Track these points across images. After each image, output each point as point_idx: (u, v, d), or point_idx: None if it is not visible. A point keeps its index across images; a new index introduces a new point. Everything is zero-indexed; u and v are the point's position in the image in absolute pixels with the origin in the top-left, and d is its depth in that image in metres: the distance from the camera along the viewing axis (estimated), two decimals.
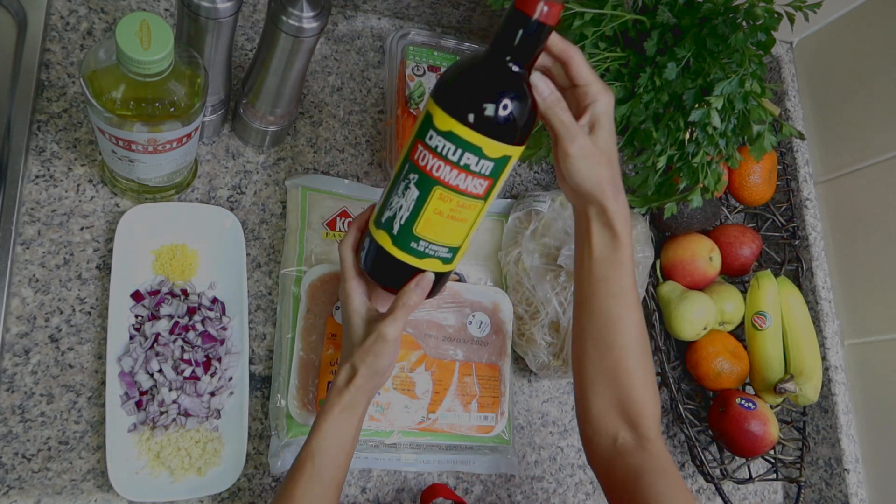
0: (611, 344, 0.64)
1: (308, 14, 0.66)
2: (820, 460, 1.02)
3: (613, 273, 0.64)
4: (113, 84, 0.60)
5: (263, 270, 0.83)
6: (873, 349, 1.00)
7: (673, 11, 0.76)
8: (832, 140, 1.09)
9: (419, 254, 0.61)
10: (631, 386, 0.64)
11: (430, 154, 0.57)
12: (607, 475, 0.65)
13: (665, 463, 0.63)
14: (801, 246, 1.07)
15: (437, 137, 0.56)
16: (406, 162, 0.58)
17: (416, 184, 0.58)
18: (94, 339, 0.75)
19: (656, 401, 0.66)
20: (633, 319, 0.65)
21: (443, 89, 0.57)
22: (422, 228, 0.59)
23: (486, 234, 0.92)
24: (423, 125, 0.57)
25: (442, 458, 0.82)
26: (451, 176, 0.57)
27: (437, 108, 0.56)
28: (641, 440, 0.64)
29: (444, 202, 0.58)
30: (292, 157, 0.88)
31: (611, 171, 0.61)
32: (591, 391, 0.66)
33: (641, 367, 0.65)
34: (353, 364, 0.63)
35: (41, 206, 0.76)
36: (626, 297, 0.64)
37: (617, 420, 0.65)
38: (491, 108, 0.55)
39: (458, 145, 0.56)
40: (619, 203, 0.62)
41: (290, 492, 0.62)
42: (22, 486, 0.69)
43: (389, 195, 0.60)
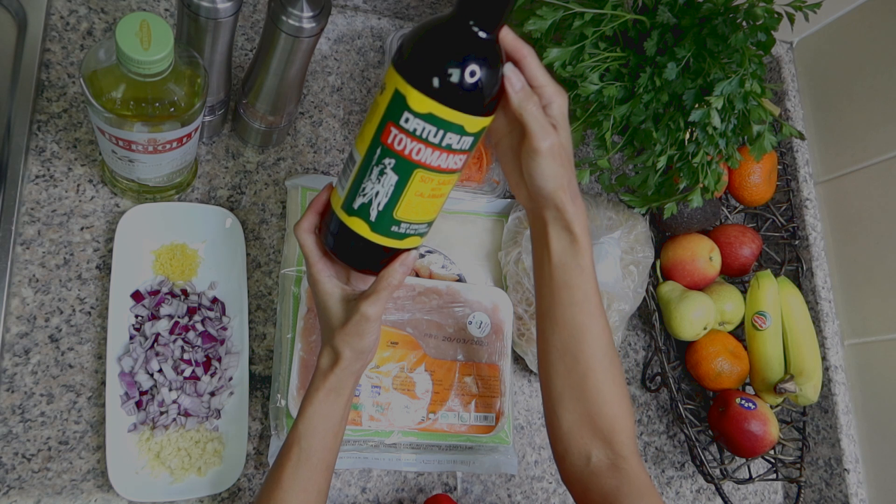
0: (577, 356, 0.62)
1: (308, 14, 0.66)
2: (820, 460, 1.02)
3: (575, 279, 0.61)
4: (113, 84, 0.60)
5: (263, 270, 0.83)
6: (873, 349, 1.00)
7: (673, 11, 0.76)
8: (832, 140, 1.09)
9: (400, 236, 0.58)
10: (602, 401, 0.62)
11: (408, 137, 0.53)
12: (582, 496, 0.63)
13: (643, 484, 0.61)
14: (801, 246, 1.07)
15: (416, 120, 0.52)
16: (377, 145, 0.54)
17: (393, 168, 0.54)
18: (94, 339, 0.75)
19: (629, 415, 0.64)
20: (599, 328, 0.62)
21: (413, 66, 0.52)
22: (403, 212, 0.57)
23: (486, 234, 0.92)
24: (395, 106, 0.53)
25: (442, 458, 0.82)
26: (432, 158, 0.54)
27: (410, 89, 0.52)
28: (617, 459, 0.62)
29: (426, 183, 0.56)
30: (292, 157, 0.88)
31: (570, 173, 0.60)
32: (559, 406, 0.64)
33: (611, 379, 0.63)
34: (335, 347, 0.61)
35: (41, 206, 0.76)
36: (589, 304, 0.62)
37: (589, 437, 0.62)
38: (471, 85, 0.52)
39: (440, 126, 0.53)
40: (576, 205, 0.60)
41: (278, 476, 0.62)
42: (22, 486, 0.69)
43: (360, 180, 0.56)
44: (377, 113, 0.54)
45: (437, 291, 0.85)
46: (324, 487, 0.63)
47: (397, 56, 0.53)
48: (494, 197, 0.92)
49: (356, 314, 0.60)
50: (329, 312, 0.62)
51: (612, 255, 0.88)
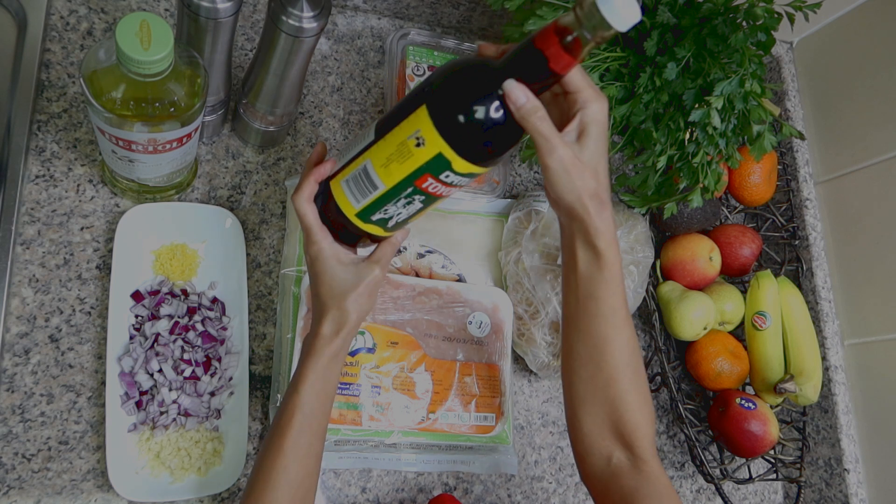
0: (600, 365, 0.62)
1: (308, 14, 0.66)
2: (820, 460, 1.02)
3: (600, 292, 0.61)
4: (113, 84, 0.60)
5: (263, 270, 0.83)
6: (873, 349, 1.00)
7: (673, 11, 0.76)
8: (832, 140, 1.09)
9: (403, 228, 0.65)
10: (623, 408, 0.62)
11: (443, 185, 0.58)
12: (602, 496, 0.64)
13: (662, 486, 0.62)
14: (801, 246, 1.07)
15: (455, 176, 0.56)
16: (410, 186, 0.58)
17: (421, 201, 0.60)
18: (94, 339, 0.75)
19: (651, 421, 0.64)
20: (624, 340, 0.62)
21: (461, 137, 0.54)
22: (415, 220, 0.63)
23: (486, 234, 0.92)
24: (437, 164, 0.55)
25: (442, 458, 0.82)
26: (453, 192, 0.60)
27: (457, 157, 0.55)
28: (637, 461, 0.62)
29: (438, 203, 0.62)
30: (292, 157, 0.88)
31: (594, 184, 0.57)
32: (581, 410, 0.64)
33: (634, 388, 0.63)
34: (344, 310, 0.62)
35: (41, 206, 0.76)
36: (615, 317, 0.61)
37: (610, 440, 0.63)
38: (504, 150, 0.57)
39: (470, 177, 0.58)
40: (602, 219, 0.58)
41: (280, 443, 0.62)
42: (22, 486, 0.69)
43: (384, 204, 0.60)
44: (413, 162, 0.56)
45: (437, 291, 0.85)
46: (320, 452, 0.64)
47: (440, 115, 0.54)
48: (494, 197, 0.92)
49: (370, 275, 0.63)
50: (337, 277, 0.63)
51: None
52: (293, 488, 0.61)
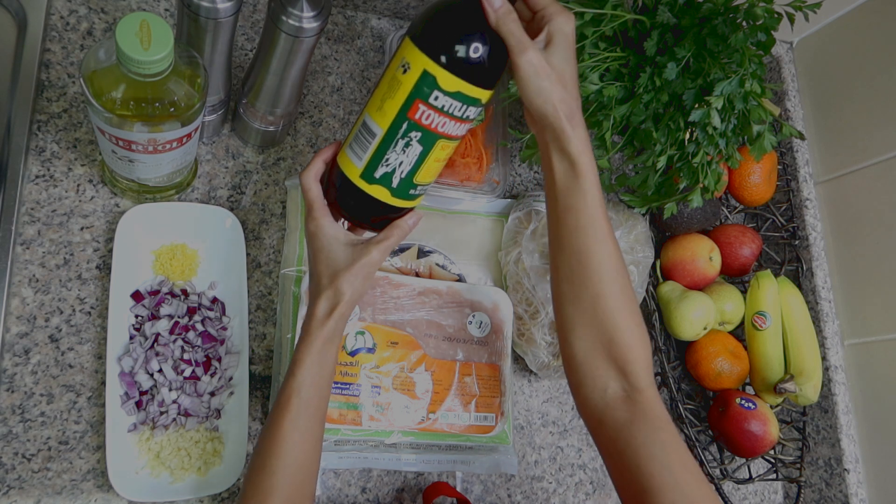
0: (584, 281, 0.61)
1: (308, 14, 0.66)
2: (820, 460, 1.02)
3: (577, 202, 0.61)
4: (113, 84, 0.60)
5: (263, 270, 0.83)
6: (873, 349, 1.00)
7: (673, 11, 0.76)
8: (832, 140, 1.09)
9: (414, 197, 0.64)
10: (613, 327, 0.61)
11: (436, 113, 0.58)
12: (596, 429, 0.62)
13: (657, 416, 0.60)
14: (801, 246, 1.07)
15: (445, 98, 0.57)
16: (403, 120, 0.58)
17: (419, 140, 0.59)
18: (94, 339, 0.75)
19: (644, 345, 0.62)
20: (607, 253, 0.61)
21: (441, 46, 0.56)
22: (421, 177, 0.62)
23: (486, 234, 0.92)
24: (423, 84, 0.57)
25: (442, 458, 0.82)
26: (454, 128, 0.59)
27: (441, 70, 0.56)
28: (632, 391, 0.61)
29: (444, 150, 0.61)
30: (292, 157, 0.88)
31: (564, 91, 0.59)
32: (572, 335, 0.63)
33: (623, 306, 0.61)
34: (338, 289, 0.62)
35: (41, 206, 0.76)
36: (594, 228, 0.61)
37: (604, 366, 0.61)
38: (496, 64, 0.58)
39: (465, 102, 0.58)
40: (573, 125, 0.59)
41: (278, 428, 0.61)
42: (22, 486, 0.69)
43: (384, 151, 0.60)
44: (402, 90, 0.58)
45: (437, 291, 0.85)
46: (320, 435, 0.64)
47: (421, 36, 0.57)
48: (494, 197, 0.92)
49: (366, 256, 0.62)
50: (333, 255, 0.63)
51: None
52: (293, 472, 0.61)
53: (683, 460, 0.58)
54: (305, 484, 0.62)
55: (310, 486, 0.63)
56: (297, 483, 0.61)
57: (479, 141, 0.90)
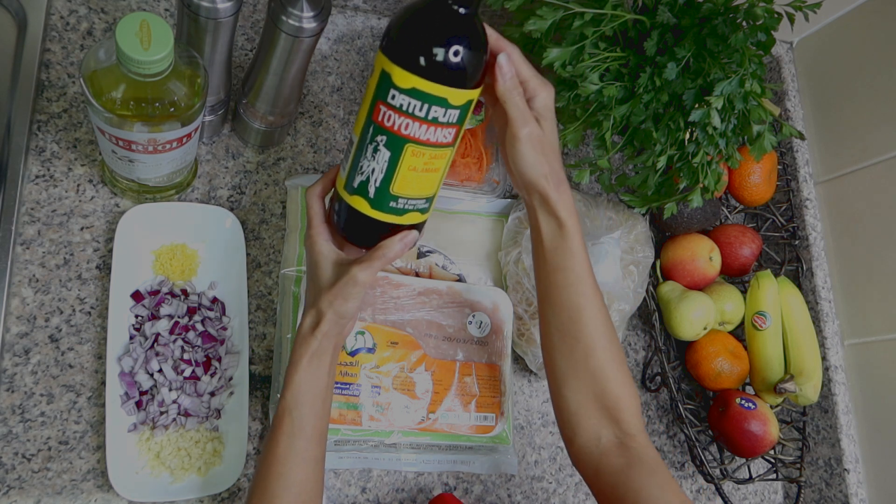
0: (577, 336, 0.64)
1: (308, 14, 0.66)
2: (820, 460, 1.02)
3: (566, 262, 0.64)
4: (113, 84, 0.60)
5: (263, 270, 0.83)
6: (873, 349, 1.00)
7: (673, 11, 0.76)
8: (832, 140, 1.09)
9: (399, 211, 0.61)
10: (604, 379, 0.64)
11: (396, 113, 0.56)
12: (593, 477, 0.64)
13: (652, 461, 0.63)
14: (801, 246, 1.07)
15: (401, 96, 0.55)
16: (370, 124, 0.58)
17: (385, 145, 0.57)
18: (94, 339, 0.75)
19: (633, 394, 0.65)
20: (595, 308, 0.65)
21: (395, 44, 0.55)
22: (399, 187, 0.59)
23: (486, 234, 0.92)
24: (382, 85, 0.56)
25: (442, 458, 0.82)
26: (420, 131, 0.57)
27: (393, 66, 0.55)
28: (625, 437, 0.63)
29: (418, 157, 0.58)
30: (292, 157, 0.88)
31: (554, 161, 0.63)
32: (565, 387, 0.65)
33: (612, 358, 0.64)
34: (319, 309, 0.62)
35: (41, 206, 0.76)
36: (583, 285, 0.64)
37: (597, 417, 0.64)
38: (451, 58, 0.54)
39: (424, 100, 0.55)
40: (560, 192, 0.63)
41: (273, 451, 0.61)
42: (22, 486, 0.69)
43: (357, 159, 0.59)
44: (368, 94, 0.58)
45: (437, 291, 0.85)
46: (320, 457, 0.63)
47: (384, 39, 0.57)
48: (494, 197, 0.92)
49: (346, 276, 0.61)
50: (319, 273, 0.64)
51: (612, 255, 0.88)
52: (293, 495, 0.60)
53: (682, 500, 0.61)
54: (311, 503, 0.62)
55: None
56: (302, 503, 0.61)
57: (479, 141, 0.90)
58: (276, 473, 0.61)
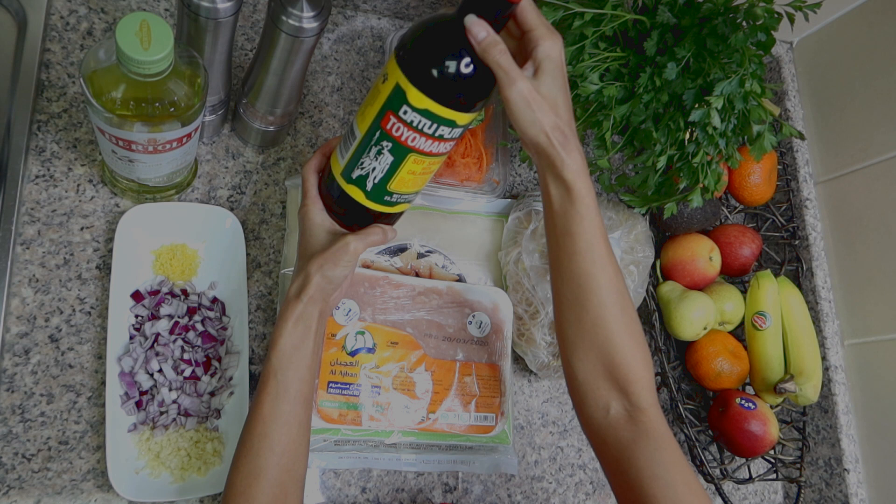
0: (585, 305, 0.62)
1: (308, 14, 0.66)
2: (820, 460, 1.02)
3: (575, 227, 0.61)
4: (113, 84, 0.60)
5: (263, 270, 0.83)
6: (873, 349, 1.00)
7: (673, 11, 0.76)
8: (832, 140, 1.09)
9: (392, 203, 0.65)
10: (613, 349, 0.61)
11: (405, 127, 0.58)
12: (601, 448, 0.63)
13: (660, 435, 0.61)
14: (801, 246, 1.07)
15: (413, 113, 0.57)
16: (377, 129, 0.59)
17: (389, 151, 0.60)
18: (94, 339, 0.75)
19: (646, 365, 0.63)
20: (606, 276, 0.61)
21: (414, 63, 0.56)
22: (395, 186, 0.63)
23: (486, 234, 0.92)
24: (395, 97, 0.57)
25: (442, 458, 0.82)
26: (425, 145, 0.59)
27: (410, 86, 0.56)
28: (634, 410, 0.61)
29: (418, 164, 0.61)
30: (292, 157, 0.88)
31: (555, 117, 0.58)
32: (574, 357, 0.63)
33: (623, 328, 0.62)
34: (307, 272, 0.63)
35: (41, 206, 0.76)
36: (593, 252, 0.61)
37: (606, 387, 0.62)
38: (466, 87, 0.57)
39: (434, 121, 0.57)
40: (567, 151, 0.59)
41: (258, 412, 0.62)
42: (22, 486, 0.69)
43: (360, 155, 0.61)
44: (379, 100, 0.59)
45: (437, 291, 0.85)
46: (304, 420, 0.63)
47: (401, 50, 0.57)
48: (494, 197, 0.92)
49: (340, 242, 0.63)
50: (312, 239, 0.65)
51: None
52: (277, 455, 0.60)
53: (686, 479, 0.59)
54: (294, 468, 0.62)
55: (299, 469, 0.62)
56: (285, 466, 0.61)
57: (479, 141, 0.90)
58: (261, 433, 0.61)
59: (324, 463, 0.77)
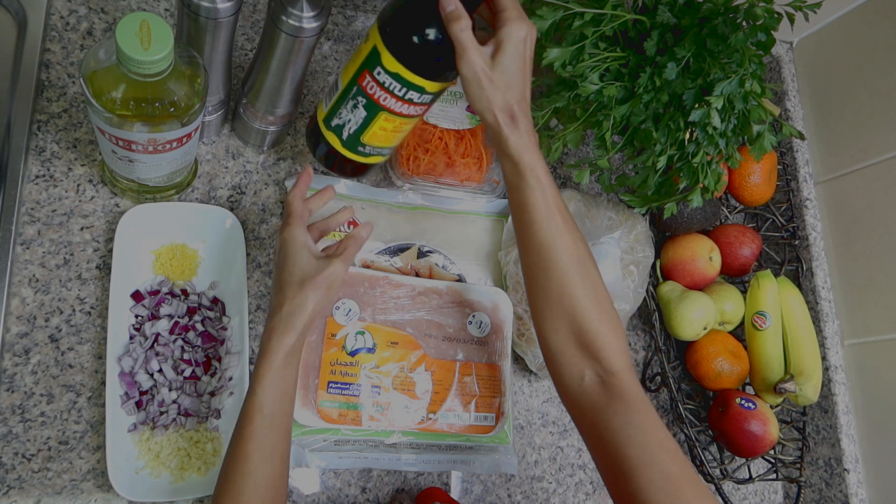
0: (548, 273, 0.63)
1: (308, 14, 0.66)
2: (820, 460, 1.02)
3: (527, 198, 0.63)
4: (113, 84, 0.60)
5: (263, 270, 0.83)
6: (873, 349, 1.00)
7: (673, 11, 0.76)
8: (832, 140, 1.09)
9: (365, 154, 0.71)
10: (580, 316, 0.63)
11: (378, 86, 0.63)
12: (578, 417, 0.64)
13: (632, 397, 0.61)
14: (801, 246, 1.07)
15: (385, 75, 0.62)
16: (354, 85, 0.65)
17: (364, 106, 0.66)
18: (94, 339, 0.75)
19: (614, 329, 0.64)
20: (564, 244, 0.63)
21: (389, 29, 0.61)
22: (368, 139, 0.69)
23: (486, 234, 0.92)
24: (371, 58, 0.62)
25: (442, 458, 0.82)
26: (395, 105, 0.64)
27: (385, 50, 0.61)
28: (606, 376, 0.62)
29: (389, 122, 0.66)
30: (292, 157, 0.88)
31: (504, 97, 0.61)
32: (545, 327, 0.65)
33: (587, 293, 0.63)
34: (304, 297, 0.63)
35: (41, 206, 0.76)
36: (549, 222, 0.63)
37: (578, 356, 0.63)
38: (434, 56, 0.61)
39: (404, 84, 0.62)
40: (512, 130, 0.61)
41: (242, 448, 0.60)
42: (22, 486, 0.69)
43: (339, 106, 0.67)
44: (359, 58, 0.64)
45: (437, 291, 0.85)
46: (286, 452, 0.63)
47: (381, 16, 0.62)
48: (494, 197, 0.92)
49: (329, 267, 0.64)
50: (301, 263, 0.65)
51: (612, 255, 0.88)
52: (262, 491, 0.60)
53: (660, 439, 0.59)
54: (277, 498, 0.62)
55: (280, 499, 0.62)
56: (269, 499, 0.61)
57: (479, 141, 0.90)
58: (244, 472, 0.60)
59: (324, 463, 0.77)
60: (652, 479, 0.56)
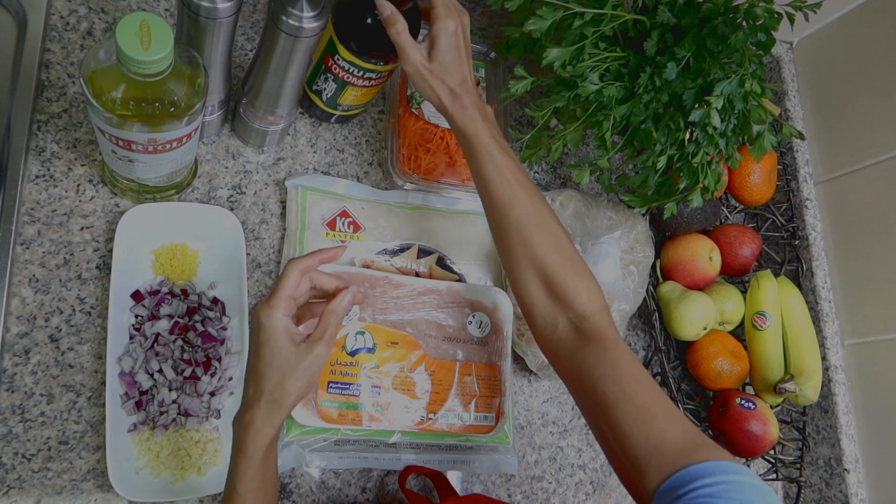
0: (509, 230, 0.68)
1: (308, 14, 0.66)
2: (820, 460, 1.02)
3: (479, 164, 0.68)
4: (113, 84, 0.60)
5: (263, 270, 0.83)
6: (873, 349, 1.00)
7: (673, 11, 0.76)
8: (832, 140, 1.09)
9: (345, 110, 0.85)
10: (545, 266, 0.66)
11: (340, 68, 0.77)
12: (556, 363, 0.67)
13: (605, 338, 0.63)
14: (801, 246, 1.07)
15: (343, 61, 0.75)
16: (322, 63, 0.78)
17: (332, 80, 0.79)
18: (94, 339, 0.75)
19: (581, 275, 0.67)
20: (519, 200, 0.67)
21: (339, 25, 0.73)
22: (342, 100, 0.82)
23: (486, 234, 0.92)
24: (330, 47, 0.75)
25: (442, 458, 0.82)
26: (357, 81, 0.78)
27: (338, 42, 0.73)
28: (579, 320, 0.65)
29: (356, 90, 0.80)
30: (292, 157, 0.88)
31: (444, 83, 0.69)
32: (515, 283, 0.68)
33: (548, 243, 0.67)
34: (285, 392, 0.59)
35: (41, 206, 0.76)
36: (502, 181, 0.67)
37: (550, 305, 0.66)
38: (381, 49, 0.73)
39: (358, 69, 0.76)
40: (457, 106, 0.69)
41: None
42: (22, 486, 0.69)
43: (315, 76, 0.80)
44: (323, 42, 0.75)
45: (437, 291, 0.85)
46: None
47: (334, 10, 0.72)
48: None
49: (311, 354, 0.59)
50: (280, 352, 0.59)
51: (612, 255, 0.88)
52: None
53: (633, 373, 0.61)
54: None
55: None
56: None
57: None
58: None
59: (324, 463, 0.77)
60: (627, 412, 0.58)
